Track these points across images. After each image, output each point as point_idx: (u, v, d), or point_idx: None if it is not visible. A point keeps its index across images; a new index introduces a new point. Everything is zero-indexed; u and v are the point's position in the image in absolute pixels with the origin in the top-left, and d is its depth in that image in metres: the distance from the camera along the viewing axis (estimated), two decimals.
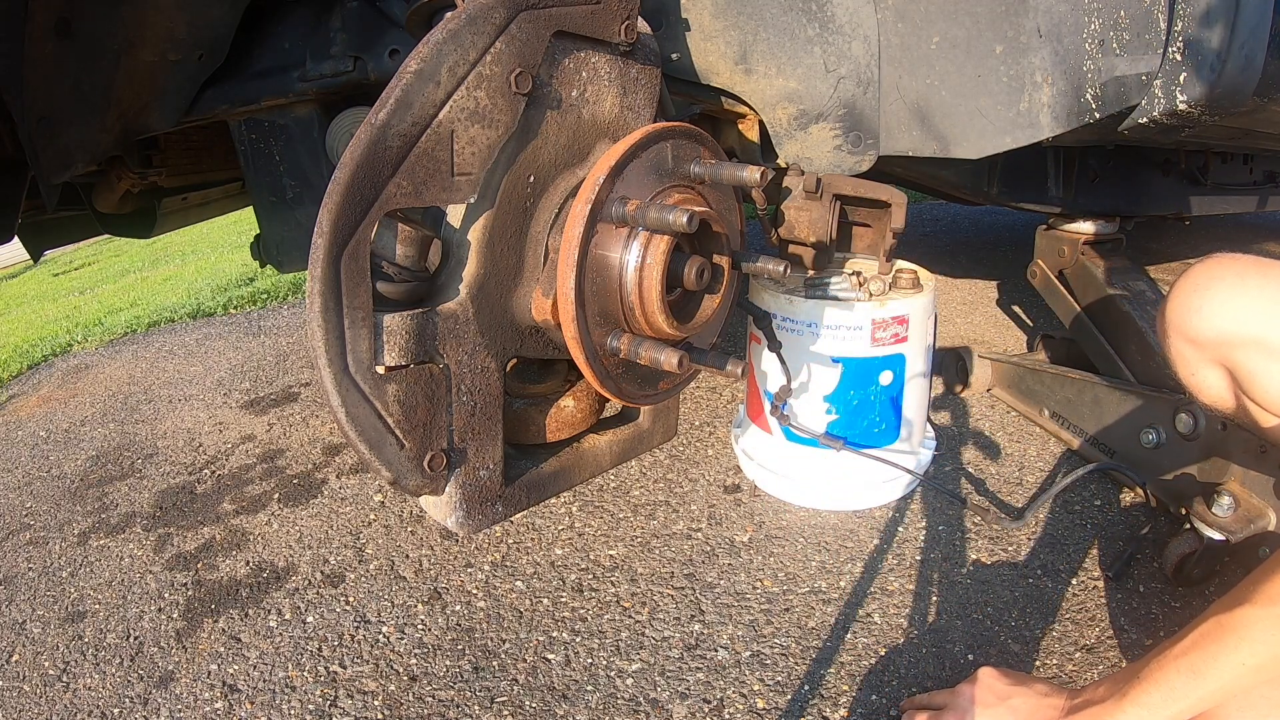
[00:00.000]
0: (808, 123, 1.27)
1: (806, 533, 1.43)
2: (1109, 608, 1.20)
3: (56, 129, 1.22)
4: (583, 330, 0.86)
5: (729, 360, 0.95)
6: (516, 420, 1.03)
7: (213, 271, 4.77)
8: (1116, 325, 1.61)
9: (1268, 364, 0.73)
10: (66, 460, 2.16)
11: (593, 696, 1.12)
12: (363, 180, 0.74)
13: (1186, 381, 0.82)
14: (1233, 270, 0.75)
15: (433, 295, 0.89)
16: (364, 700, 1.16)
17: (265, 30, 1.33)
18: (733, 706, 1.08)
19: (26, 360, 3.24)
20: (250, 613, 1.39)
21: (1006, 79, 1.12)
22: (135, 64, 1.23)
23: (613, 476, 1.67)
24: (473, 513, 0.91)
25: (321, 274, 0.72)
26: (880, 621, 1.21)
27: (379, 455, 0.80)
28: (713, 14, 1.23)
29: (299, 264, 1.52)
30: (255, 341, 3.04)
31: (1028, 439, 1.69)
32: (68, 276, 6.29)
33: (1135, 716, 0.77)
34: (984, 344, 2.22)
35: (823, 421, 1.44)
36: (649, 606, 1.28)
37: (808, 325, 1.39)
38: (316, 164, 1.37)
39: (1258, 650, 0.70)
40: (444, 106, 0.78)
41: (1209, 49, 0.91)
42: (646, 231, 0.86)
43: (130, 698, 1.23)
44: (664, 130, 0.90)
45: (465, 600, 1.34)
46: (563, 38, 0.87)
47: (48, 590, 1.55)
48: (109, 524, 1.77)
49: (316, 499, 1.74)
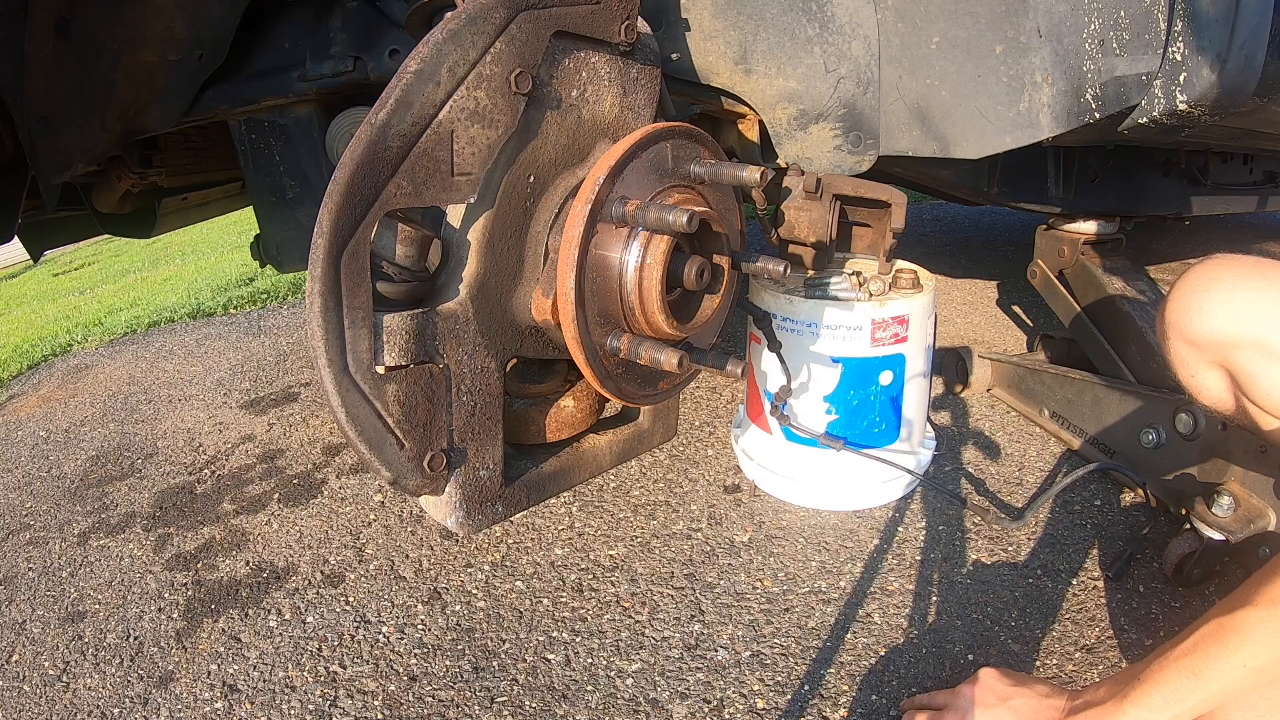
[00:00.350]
0: (808, 123, 1.27)
1: (806, 533, 1.43)
2: (1109, 608, 1.20)
3: (56, 129, 1.22)
4: (583, 330, 0.86)
5: (729, 360, 0.95)
6: (516, 420, 1.02)
7: (213, 271, 4.76)
8: (1116, 325, 1.61)
9: (1267, 366, 0.72)
10: (66, 460, 2.16)
11: (593, 696, 1.12)
12: (363, 180, 0.73)
13: (1186, 383, 0.82)
14: (1232, 271, 0.75)
15: (433, 295, 0.88)
16: (364, 700, 1.16)
17: (265, 30, 1.33)
18: (733, 706, 1.08)
19: (26, 360, 3.24)
20: (250, 613, 1.39)
21: (1006, 79, 1.12)
22: (135, 64, 1.23)
23: (613, 476, 1.67)
24: (473, 513, 0.91)
25: (321, 274, 0.72)
26: (880, 621, 1.21)
27: (379, 455, 0.80)
28: (713, 14, 1.23)
29: (299, 264, 1.52)
30: (255, 341, 3.04)
31: (1028, 439, 1.69)
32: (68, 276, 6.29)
33: (1136, 717, 0.77)
34: (984, 344, 2.22)
35: (823, 421, 1.44)
36: (649, 606, 1.28)
37: (808, 325, 1.38)
38: (316, 164, 1.37)
39: (1258, 652, 0.70)
40: (444, 106, 0.78)
41: (1209, 49, 0.91)
42: (646, 231, 0.86)
43: (130, 698, 1.23)
44: (664, 130, 0.90)
45: (465, 600, 1.34)
46: (563, 38, 0.87)
47: (48, 590, 1.55)
48: (109, 524, 1.77)
49: (316, 499, 1.74)
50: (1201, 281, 0.77)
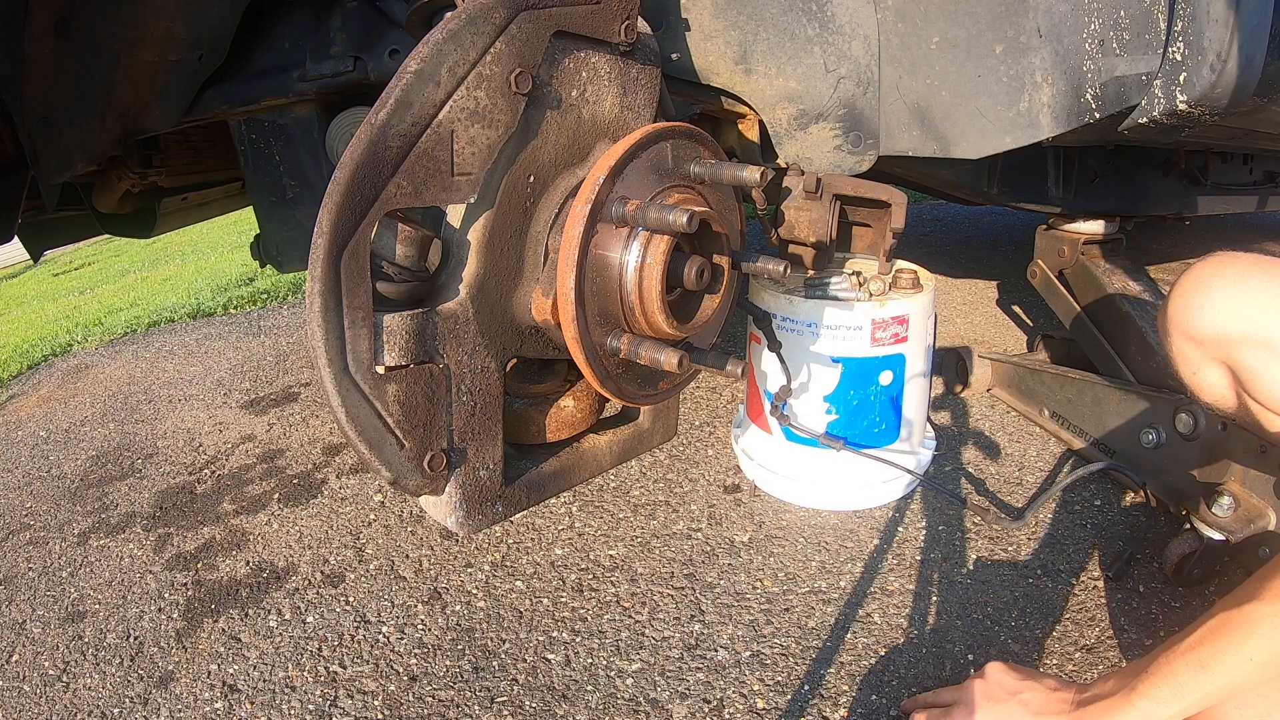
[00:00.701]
0: (808, 123, 1.27)
1: (806, 533, 1.43)
2: (1109, 608, 1.20)
3: (56, 129, 1.22)
4: (583, 330, 0.86)
5: (729, 360, 0.95)
6: (516, 420, 1.02)
7: (213, 271, 4.76)
8: (1116, 325, 1.61)
9: (1269, 363, 0.72)
10: (66, 460, 2.16)
11: (593, 696, 1.12)
12: (363, 180, 0.73)
13: (1188, 380, 0.82)
14: (1235, 268, 0.75)
15: (433, 295, 0.88)
16: (364, 700, 1.16)
17: (265, 30, 1.33)
18: (733, 706, 1.08)
19: (26, 360, 3.24)
20: (250, 613, 1.39)
21: (1006, 79, 1.12)
22: (135, 64, 1.23)
23: (613, 476, 1.67)
24: (473, 513, 0.91)
25: (321, 274, 0.72)
26: (880, 621, 1.21)
27: (379, 455, 0.80)
28: (713, 14, 1.23)
29: (299, 264, 1.52)
30: (255, 341, 3.04)
31: (1028, 439, 1.69)
32: (68, 276, 6.29)
33: (1144, 710, 0.78)
34: (984, 344, 2.22)
35: (823, 421, 1.44)
36: (649, 606, 1.28)
37: (808, 325, 1.39)
38: (316, 164, 1.37)
39: (1264, 646, 0.71)
40: (444, 106, 0.78)
41: (1209, 49, 0.91)
42: (646, 231, 0.86)
43: (130, 698, 1.23)
44: (664, 130, 0.90)
45: (465, 600, 1.34)
46: (563, 38, 0.87)
47: (48, 590, 1.55)
48: (109, 524, 1.77)
49: (316, 499, 1.74)
50: (1204, 278, 0.77)
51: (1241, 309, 0.73)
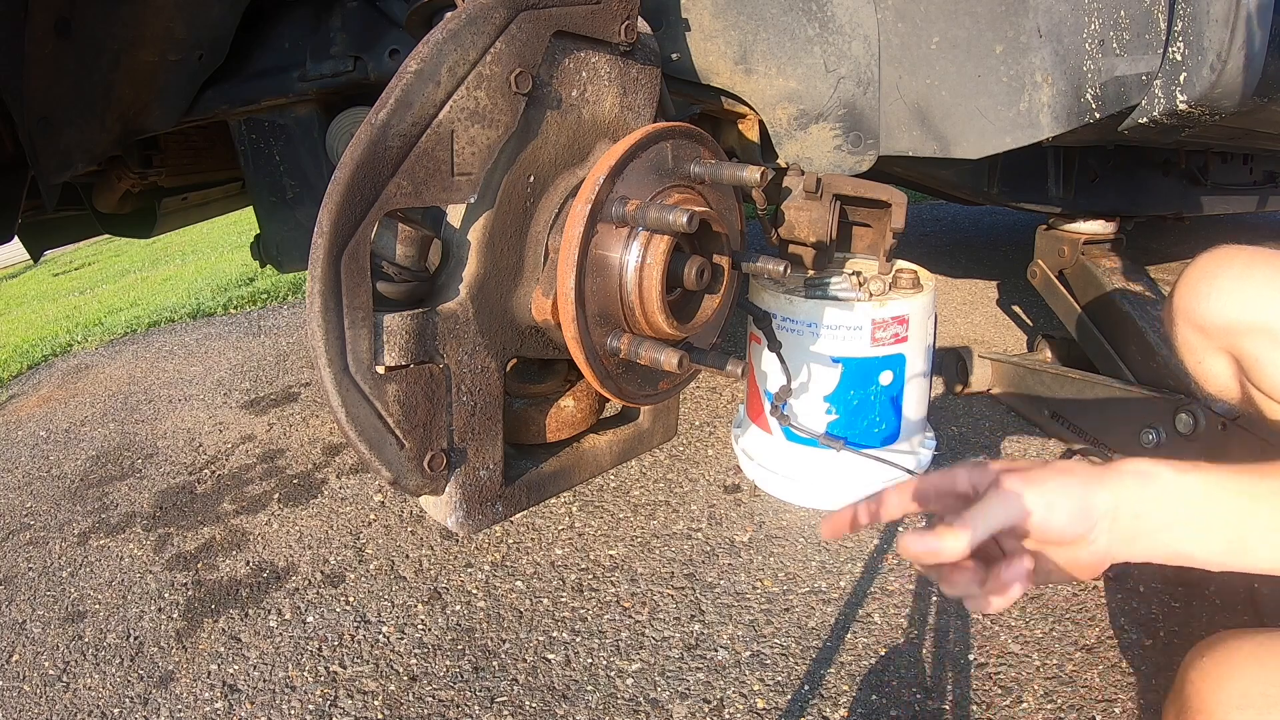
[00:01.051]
0: (808, 123, 1.27)
1: (806, 533, 1.43)
2: (1109, 608, 1.19)
3: (56, 129, 1.22)
4: (583, 330, 0.86)
5: (729, 360, 0.95)
6: (516, 420, 1.02)
7: (213, 271, 4.76)
8: (1116, 325, 1.61)
9: (1274, 352, 0.72)
10: (66, 460, 2.16)
11: (593, 696, 1.12)
12: (363, 180, 0.73)
13: (1193, 369, 0.82)
14: (1241, 259, 0.75)
15: (433, 295, 0.88)
16: (364, 700, 1.16)
17: (265, 30, 1.33)
18: (733, 706, 1.08)
19: (26, 360, 3.24)
20: (250, 613, 1.39)
21: (1006, 79, 1.12)
22: (135, 64, 1.23)
23: (613, 476, 1.67)
24: (473, 513, 0.91)
25: (321, 274, 0.72)
26: (880, 621, 1.21)
27: (379, 455, 0.80)
28: (713, 14, 1.23)
29: (299, 264, 1.52)
30: (255, 341, 3.04)
31: (1028, 439, 1.69)
32: (68, 276, 6.29)
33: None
34: (984, 344, 2.22)
35: (823, 421, 1.44)
36: (649, 606, 1.28)
37: (808, 325, 1.38)
38: (316, 164, 1.37)
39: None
40: (444, 106, 0.78)
41: (1209, 49, 0.91)
42: (646, 231, 0.86)
43: (130, 698, 1.23)
44: (664, 130, 0.90)
45: (465, 600, 1.34)
46: (563, 38, 0.87)
47: (48, 590, 1.55)
48: (109, 524, 1.77)
49: (316, 499, 1.74)
50: (1210, 268, 0.77)
51: (1247, 298, 0.73)
